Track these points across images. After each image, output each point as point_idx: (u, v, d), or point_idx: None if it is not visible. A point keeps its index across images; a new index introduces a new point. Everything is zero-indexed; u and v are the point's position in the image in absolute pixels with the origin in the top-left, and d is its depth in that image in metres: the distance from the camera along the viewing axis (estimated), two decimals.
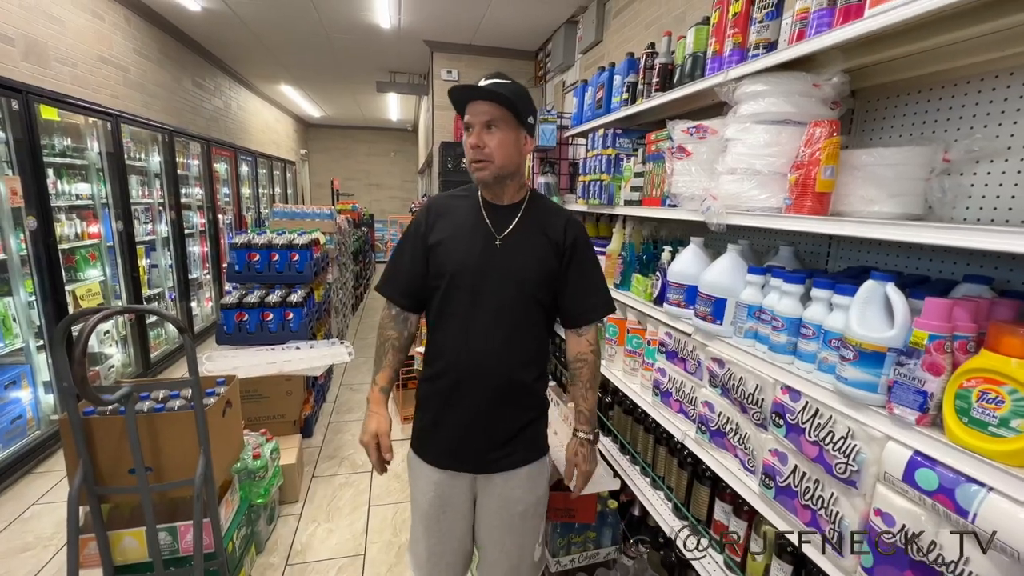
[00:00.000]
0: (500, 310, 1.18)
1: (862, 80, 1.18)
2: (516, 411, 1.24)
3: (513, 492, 1.25)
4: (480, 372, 1.19)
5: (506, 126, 1.13)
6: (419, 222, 1.25)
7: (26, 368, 2.80)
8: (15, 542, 2.09)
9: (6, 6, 2.76)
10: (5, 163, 2.65)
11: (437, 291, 1.22)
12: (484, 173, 1.15)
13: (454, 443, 1.23)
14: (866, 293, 0.89)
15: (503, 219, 1.21)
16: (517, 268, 1.19)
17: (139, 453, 1.44)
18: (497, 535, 1.28)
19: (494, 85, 1.12)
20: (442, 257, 1.20)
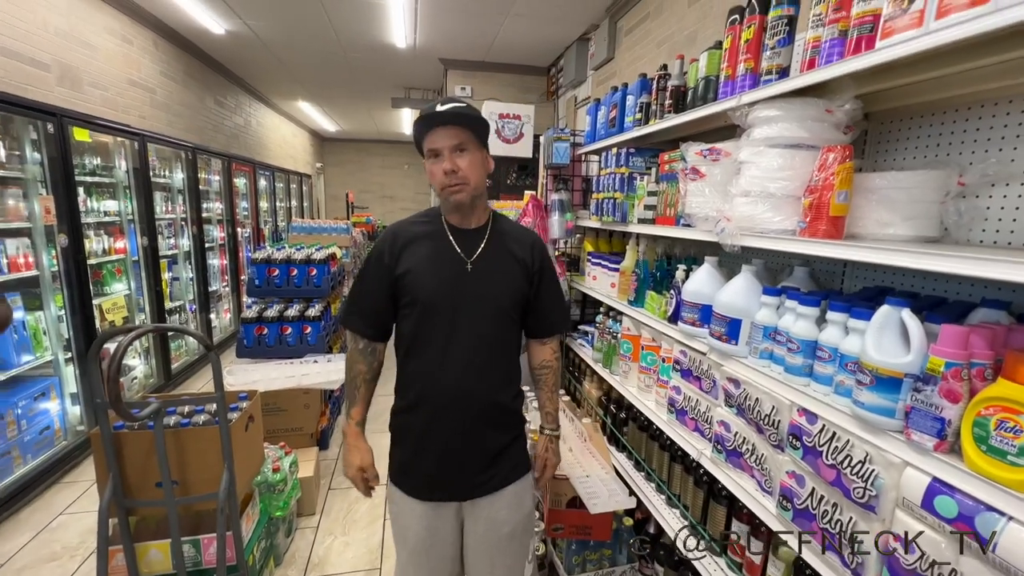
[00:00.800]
0: (477, 334, 1.19)
1: (875, 104, 1.20)
2: (498, 433, 1.25)
3: (499, 514, 1.26)
4: (461, 399, 1.19)
5: (474, 147, 1.16)
6: (382, 251, 1.23)
7: (55, 380, 2.89)
8: (43, 551, 2.15)
9: (43, 34, 2.89)
10: (40, 183, 2.76)
11: (407, 320, 1.21)
12: (462, 195, 1.17)
13: (438, 474, 1.22)
14: (882, 318, 0.90)
15: (471, 243, 1.22)
16: (491, 291, 1.21)
17: (166, 467, 1.49)
18: (486, 559, 1.29)
19: (457, 108, 1.13)
20: (413, 286, 1.18)
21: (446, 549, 1.27)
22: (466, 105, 1.16)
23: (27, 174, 2.70)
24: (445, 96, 1.17)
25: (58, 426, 2.88)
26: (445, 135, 1.13)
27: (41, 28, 2.88)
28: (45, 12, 2.91)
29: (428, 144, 1.16)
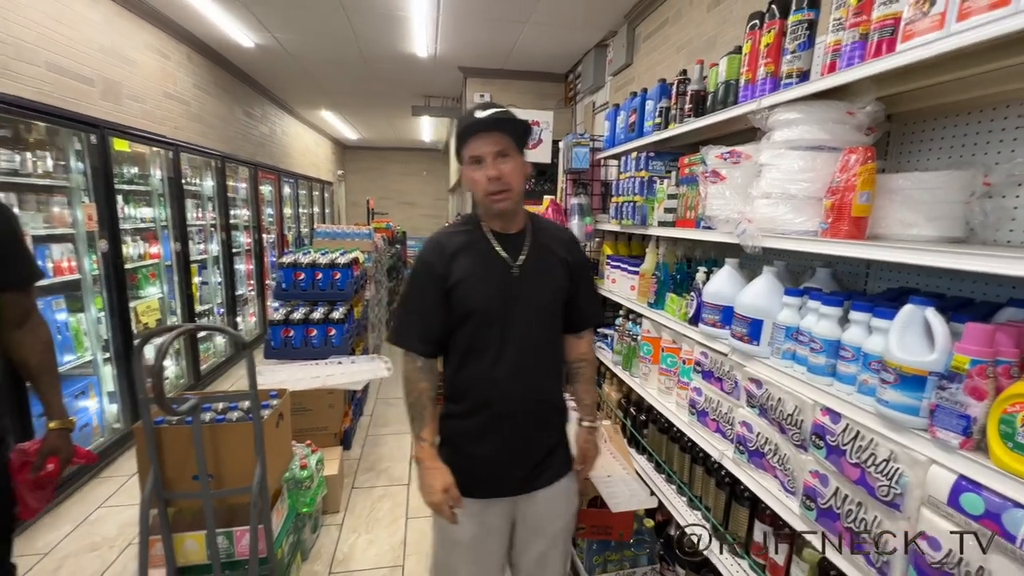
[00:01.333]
0: (528, 337, 1.20)
1: (898, 105, 1.20)
2: (549, 431, 1.29)
3: (553, 507, 1.29)
4: (516, 400, 1.20)
5: (515, 152, 1.16)
6: (431, 263, 1.20)
7: (93, 379, 3.03)
8: (84, 542, 2.25)
9: (89, 51, 3.06)
10: (83, 191, 2.91)
11: (462, 330, 1.20)
12: (506, 203, 1.16)
13: (495, 472, 1.23)
14: (905, 317, 0.91)
15: (515, 247, 1.22)
16: (538, 293, 1.22)
17: (203, 461, 1.55)
18: (541, 552, 1.30)
19: (498, 114, 1.12)
20: (466, 296, 1.17)
21: (496, 544, 1.29)
22: (506, 110, 1.14)
23: (71, 183, 2.85)
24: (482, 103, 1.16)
25: (96, 423, 3.01)
26: (487, 141, 1.12)
27: (87, 46, 3.05)
28: (91, 31, 3.08)
29: (470, 151, 1.14)
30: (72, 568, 2.09)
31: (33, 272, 1.32)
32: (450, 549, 1.29)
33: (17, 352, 1.31)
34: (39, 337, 1.33)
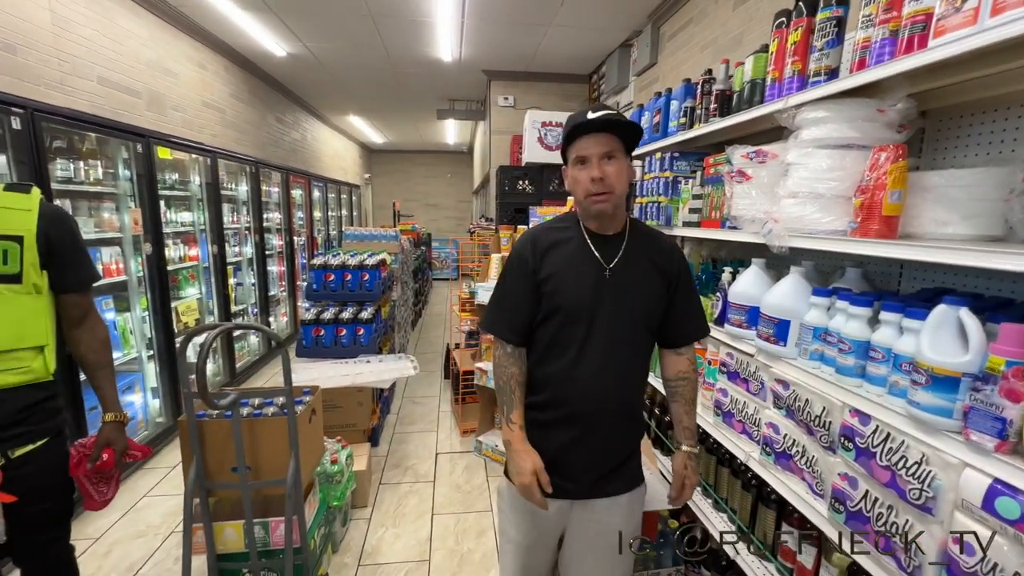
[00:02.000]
0: (613, 341, 1.17)
1: (932, 101, 1.17)
2: (621, 442, 1.24)
3: (613, 520, 1.23)
4: (593, 403, 1.18)
5: (621, 155, 1.13)
6: (524, 258, 1.21)
7: (139, 376, 3.19)
8: (130, 529, 2.38)
9: (136, 64, 3.24)
10: (130, 197, 3.08)
11: (546, 324, 1.20)
12: (606, 205, 1.13)
13: (561, 471, 1.20)
14: (938, 317, 0.89)
15: (610, 249, 1.19)
16: (629, 299, 1.18)
17: (242, 453, 1.63)
18: (598, 565, 1.25)
19: (608, 116, 1.10)
20: (554, 291, 1.17)
21: (547, 546, 1.27)
22: (617, 112, 1.13)
23: (119, 189, 3.02)
24: (593, 106, 1.16)
25: (141, 417, 3.17)
26: (595, 142, 1.11)
27: (133, 59, 3.22)
28: (137, 46, 3.26)
29: (576, 151, 1.13)
30: (120, 553, 2.21)
31: (92, 275, 1.41)
32: (509, 549, 1.29)
33: (76, 349, 1.40)
34: (97, 335, 1.42)
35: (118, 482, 1.50)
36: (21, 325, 1.23)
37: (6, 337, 1.20)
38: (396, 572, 2.11)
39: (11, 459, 1.21)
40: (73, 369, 2.34)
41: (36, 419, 1.27)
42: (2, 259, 1.19)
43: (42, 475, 1.28)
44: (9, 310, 1.21)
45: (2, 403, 1.20)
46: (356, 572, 2.11)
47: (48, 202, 1.33)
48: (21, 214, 1.24)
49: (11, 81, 2.30)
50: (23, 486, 1.22)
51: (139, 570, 2.11)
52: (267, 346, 5.03)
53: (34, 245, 1.24)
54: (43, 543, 1.34)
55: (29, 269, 1.23)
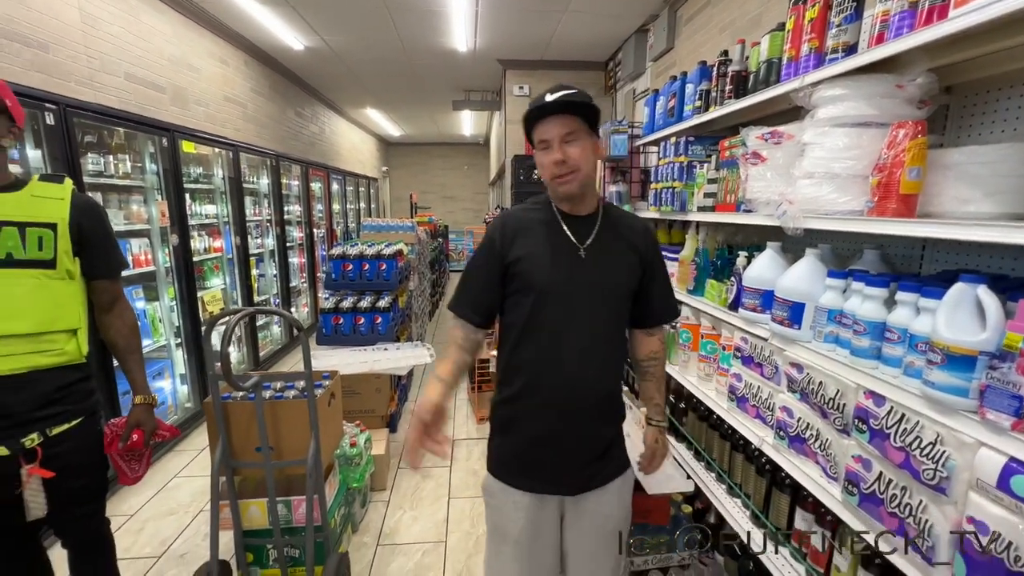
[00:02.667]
0: (592, 323, 1.16)
1: (956, 76, 1.14)
2: (607, 426, 1.24)
3: (605, 508, 1.25)
4: (574, 389, 1.16)
5: (583, 135, 1.12)
6: (493, 239, 1.21)
7: (168, 362, 3.32)
8: (162, 507, 2.50)
9: (160, 61, 3.33)
10: (156, 191, 3.18)
11: (518, 307, 1.18)
12: (571, 186, 1.14)
13: (547, 466, 1.20)
14: (956, 296, 0.87)
15: (583, 229, 1.19)
16: (605, 277, 1.18)
17: (265, 433, 1.69)
18: (592, 555, 1.27)
19: (566, 96, 1.10)
20: (526, 273, 1.16)
21: (548, 543, 1.25)
22: (576, 91, 1.12)
23: (146, 183, 3.12)
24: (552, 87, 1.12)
25: (171, 402, 3.30)
26: (554, 125, 1.11)
27: (158, 56, 3.31)
28: (162, 42, 3.35)
29: (538, 135, 1.14)
30: (153, 529, 2.33)
31: (121, 262, 1.47)
32: (500, 544, 1.26)
33: (107, 334, 1.47)
34: (126, 321, 1.49)
35: (149, 460, 1.57)
36: (55, 309, 1.29)
37: (41, 320, 1.26)
38: (414, 552, 2.17)
39: (49, 437, 1.28)
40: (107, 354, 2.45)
41: (72, 399, 1.34)
42: (37, 245, 1.25)
43: (78, 453, 1.35)
44: (44, 295, 1.27)
45: (39, 383, 1.27)
46: (375, 551, 2.18)
47: (80, 193, 1.38)
48: (55, 203, 1.30)
49: (44, 78, 2.40)
50: (61, 463, 1.30)
51: (171, 545, 2.22)
52: (289, 335, 5.16)
53: (67, 233, 1.30)
54: (81, 516, 1.41)
55: (62, 255, 1.29)
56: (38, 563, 1.46)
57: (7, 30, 2.22)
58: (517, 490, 1.22)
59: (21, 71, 2.28)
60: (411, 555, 2.15)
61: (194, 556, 2.13)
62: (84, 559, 1.47)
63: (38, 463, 1.26)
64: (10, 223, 1.22)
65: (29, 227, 1.24)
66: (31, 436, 1.25)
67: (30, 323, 1.24)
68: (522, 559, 1.23)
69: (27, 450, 1.25)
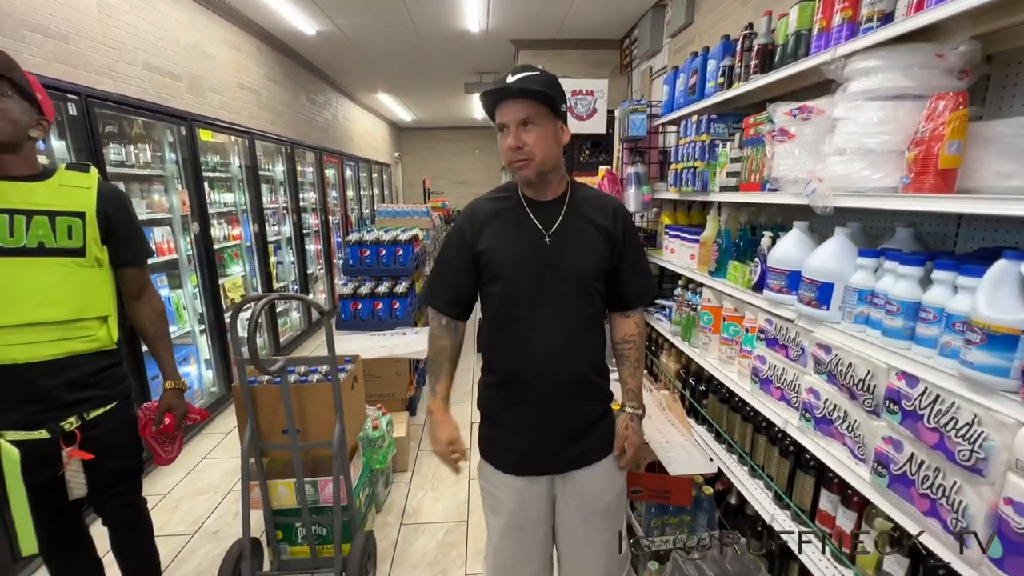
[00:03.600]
0: (560, 306, 1.17)
1: (998, 44, 1.08)
2: (587, 405, 1.25)
3: (594, 488, 1.26)
4: (550, 371, 1.18)
5: (542, 120, 1.11)
6: (463, 230, 1.22)
7: (193, 348, 3.40)
8: (194, 487, 2.59)
9: (176, 49, 3.34)
10: (176, 179, 3.23)
11: (492, 296, 1.21)
12: (527, 171, 1.14)
13: (532, 448, 1.22)
14: (997, 273, 0.85)
15: (549, 214, 1.20)
16: (571, 262, 1.18)
17: (291, 416, 1.73)
18: (583, 534, 1.28)
19: (524, 81, 1.08)
20: (494, 262, 1.18)
21: (540, 524, 1.28)
22: (539, 73, 1.11)
23: (166, 172, 3.17)
24: (518, 64, 1.13)
25: (197, 387, 3.40)
26: (512, 109, 1.10)
27: (174, 44, 3.33)
28: (177, 30, 3.36)
29: (498, 117, 1.14)
30: (186, 508, 2.42)
31: (147, 250, 1.50)
32: (495, 527, 1.29)
33: (136, 321, 1.51)
34: (154, 308, 1.53)
35: (181, 441, 1.62)
36: (86, 296, 1.32)
37: (73, 307, 1.29)
38: (436, 531, 2.22)
39: (87, 420, 1.33)
40: (136, 340, 2.52)
41: (106, 384, 1.38)
42: (67, 234, 1.28)
43: (115, 435, 1.40)
44: (75, 282, 1.30)
45: (73, 368, 1.31)
46: (399, 530, 2.23)
47: (104, 180, 1.40)
48: (82, 192, 1.32)
49: (65, 69, 2.43)
50: (99, 445, 1.35)
51: (203, 523, 2.30)
52: (307, 321, 5.24)
53: (95, 221, 1.32)
54: (119, 495, 1.48)
55: (91, 243, 1.31)
56: (81, 538, 1.53)
57: (29, 21, 2.24)
58: (505, 473, 1.25)
59: (44, 62, 2.31)
60: (434, 534, 2.21)
61: (226, 533, 2.22)
62: (123, 534, 1.54)
63: (77, 445, 1.31)
64: (41, 212, 1.25)
65: (59, 216, 1.27)
66: (69, 420, 1.30)
67: (64, 310, 1.27)
68: (515, 539, 1.27)
69: (66, 433, 1.30)
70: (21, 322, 1.22)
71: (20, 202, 1.23)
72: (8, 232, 1.21)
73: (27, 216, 1.23)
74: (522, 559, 1.29)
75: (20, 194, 1.23)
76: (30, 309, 1.23)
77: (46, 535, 1.38)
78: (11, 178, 1.24)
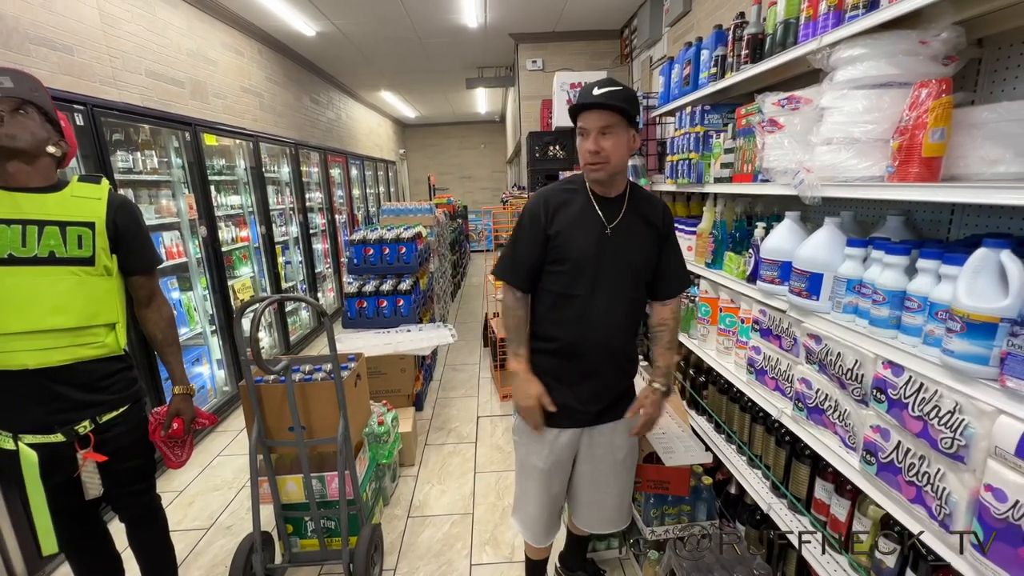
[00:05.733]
0: (615, 291, 1.34)
1: (988, 27, 1.07)
2: (623, 376, 1.46)
3: (617, 439, 1.47)
4: (600, 343, 1.36)
5: (620, 129, 1.25)
6: (537, 215, 1.36)
7: (204, 349, 3.48)
8: (208, 483, 2.66)
9: (178, 55, 3.39)
10: (183, 184, 3.29)
11: (556, 276, 1.35)
12: (600, 173, 1.28)
13: (570, 404, 1.40)
14: (977, 262, 0.85)
15: (612, 210, 1.35)
16: (628, 254, 1.34)
17: (296, 414, 1.78)
18: (604, 479, 1.49)
19: (609, 95, 1.22)
20: (563, 246, 1.32)
21: (564, 472, 1.48)
22: (622, 88, 1.25)
23: (173, 177, 3.22)
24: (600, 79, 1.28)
25: (209, 386, 3.48)
26: (594, 117, 1.24)
27: (176, 51, 3.38)
28: (178, 37, 3.41)
29: (580, 123, 1.28)
30: (201, 504, 2.49)
31: (155, 258, 1.53)
32: (528, 479, 1.49)
33: (146, 328, 1.54)
34: (163, 315, 1.55)
35: (192, 445, 1.66)
36: (95, 304, 1.35)
37: (83, 315, 1.33)
38: (442, 523, 2.27)
39: (99, 423, 1.38)
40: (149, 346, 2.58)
41: (117, 388, 1.42)
42: (77, 243, 1.32)
43: (127, 437, 1.45)
44: (84, 290, 1.33)
45: (84, 373, 1.35)
46: (406, 523, 2.28)
47: (115, 191, 1.44)
48: (93, 202, 1.36)
49: (71, 80, 2.48)
50: (112, 447, 1.39)
51: (217, 518, 2.38)
52: (317, 319, 5.32)
53: (104, 231, 1.36)
54: (134, 493, 1.53)
55: (100, 253, 1.35)
56: (99, 536, 1.59)
57: (34, 35, 2.30)
58: (547, 426, 1.42)
59: (50, 74, 2.36)
60: (440, 526, 2.25)
61: (239, 528, 2.28)
62: (139, 531, 1.59)
63: (91, 448, 1.36)
64: (52, 222, 1.29)
65: (70, 226, 1.30)
66: (83, 423, 1.35)
67: (73, 317, 1.31)
68: (545, 486, 1.47)
69: (81, 436, 1.35)
70: (32, 329, 1.26)
71: (33, 212, 1.27)
72: (21, 242, 1.25)
73: (39, 226, 1.27)
74: (548, 507, 1.51)
75: (34, 205, 1.28)
76: (41, 316, 1.27)
77: (65, 534, 1.44)
78: (27, 189, 1.28)
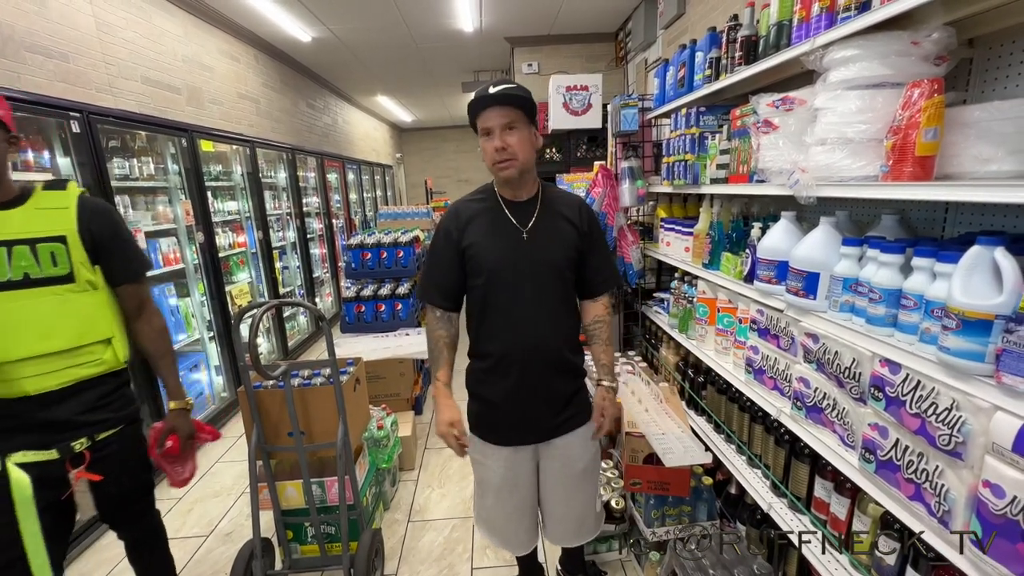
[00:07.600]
0: (539, 295, 1.31)
1: (979, 27, 1.08)
2: (565, 381, 1.40)
3: (573, 452, 1.42)
4: (532, 353, 1.32)
5: (522, 125, 1.24)
6: (448, 229, 1.34)
7: (202, 355, 3.47)
8: (207, 490, 2.65)
9: (173, 62, 3.39)
10: (180, 190, 3.28)
11: (477, 289, 1.33)
12: (510, 171, 1.26)
13: (518, 420, 1.37)
14: (971, 259, 0.86)
15: (525, 213, 1.33)
16: (547, 255, 1.32)
17: (295, 419, 1.77)
18: (563, 493, 1.46)
19: (507, 90, 1.21)
20: (478, 258, 1.30)
21: (526, 487, 1.45)
22: (516, 85, 1.24)
23: (169, 183, 3.22)
24: (495, 80, 1.24)
25: (208, 393, 3.47)
26: (496, 114, 1.22)
27: (172, 58, 3.38)
28: (174, 43, 3.41)
29: (481, 123, 1.26)
30: (201, 511, 2.48)
31: (142, 264, 1.41)
32: (486, 492, 1.46)
33: (138, 340, 1.43)
34: (154, 326, 1.44)
35: (194, 462, 1.59)
36: (85, 322, 1.27)
37: (73, 335, 1.25)
38: (443, 527, 2.26)
39: (96, 441, 1.32)
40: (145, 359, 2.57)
41: (114, 406, 1.36)
42: (51, 261, 1.20)
43: (123, 455, 1.39)
44: (70, 310, 1.24)
45: (83, 392, 1.29)
46: (406, 527, 2.28)
47: (89, 196, 1.32)
48: (60, 213, 1.24)
49: (66, 87, 2.48)
50: (108, 466, 1.34)
51: (217, 525, 2.36)
52: (315, 324, 5.30)
53: (79, 243, 1.24)
54: (135, 512, 1.49)
55: (79, 267, 1.25)
56: None
57: (30, 43, 2.30)
58: (494, 445, 1.40)
59: (46, 82, 2.36)
60: (440, 530, 2.24)
61: (239, 534, 2.27)
62: (139, 548, 1.56)
63: (85, 467, 1.29)
64: (20, 241, 1.18)
65: (40, 243, 1.20)
66: (80, 440, 1.29)
67: (64, 339, 1.24)
68: (504, 503, 1.45)
69: (75, 454, 1.28)
70: (26, 355, 1.19)
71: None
72: None
73: (7, 247, 1.17)
74: (514, 518, 1.48)
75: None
76: (32, 342, 1.20)
77: None
78: None
